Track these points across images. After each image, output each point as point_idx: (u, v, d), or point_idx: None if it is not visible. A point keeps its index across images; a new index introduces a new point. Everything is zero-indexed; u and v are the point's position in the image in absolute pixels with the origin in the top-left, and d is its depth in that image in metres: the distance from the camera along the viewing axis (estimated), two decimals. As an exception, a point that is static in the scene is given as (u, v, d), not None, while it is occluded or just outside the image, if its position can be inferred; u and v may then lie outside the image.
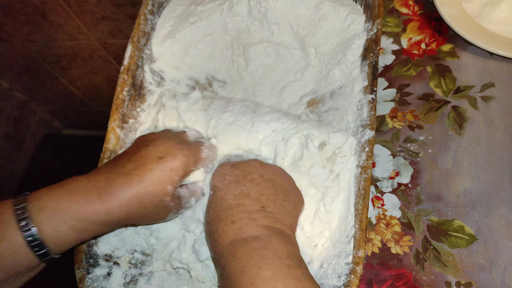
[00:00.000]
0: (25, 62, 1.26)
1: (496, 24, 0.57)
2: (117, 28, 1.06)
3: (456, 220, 0.48)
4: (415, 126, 0.54)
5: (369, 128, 0.44)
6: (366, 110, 0.45)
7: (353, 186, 0.43)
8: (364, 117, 0.45)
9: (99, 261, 0.42)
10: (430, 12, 0.62)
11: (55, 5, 1.01)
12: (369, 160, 0.43)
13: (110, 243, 0.43)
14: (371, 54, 0.48)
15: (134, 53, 0.52)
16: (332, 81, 0.52)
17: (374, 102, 0.45)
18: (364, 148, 0.44)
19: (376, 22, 0.50)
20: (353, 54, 0.50)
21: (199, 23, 0.55)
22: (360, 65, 0.49)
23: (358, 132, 0.45)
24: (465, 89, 0.55)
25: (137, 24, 0.54)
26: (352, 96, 0.48)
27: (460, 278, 0.45)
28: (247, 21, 0.55)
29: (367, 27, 0.51)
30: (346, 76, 0.50)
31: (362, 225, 0.40)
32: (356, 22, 0.51)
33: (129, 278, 0.43)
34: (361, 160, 0.43)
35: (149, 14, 0.55)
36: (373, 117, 0.45)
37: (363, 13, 0.52)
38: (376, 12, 0.50)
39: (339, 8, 0.51)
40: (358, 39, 0.50)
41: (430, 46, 0.59)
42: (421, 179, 0.51)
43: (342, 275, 0.38)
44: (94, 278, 0.41)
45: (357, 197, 0.42)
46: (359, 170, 0.43)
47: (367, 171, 0.42)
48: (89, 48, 1.16)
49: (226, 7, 0.54)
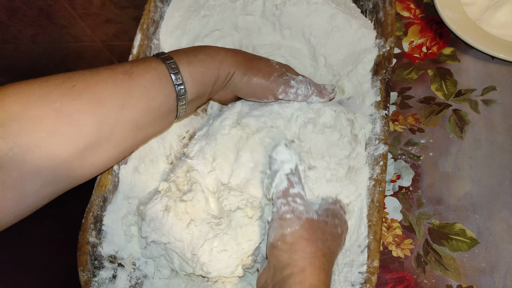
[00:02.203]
0: (30, 63, 1.27)
1: (497, 28, 0.57)
2: (121, 30, 1.07)
3: (457, 223, 0.48)
4: (416, 129, 0.54)
5: (383, 142, 0.46)
6: (380, 125, 0.47)
7: (366, 197, 0.44)
8: (377, 132, 0.47)
9: (103, 262, 0.42)
10: (431, 16, 0.62)
11: (60, 7, 1.02)
12: (383, 174, 0.44)
13: (114, 243, 0.43)
14: (383, 70, 0.49)
15: (143, 42, 0.51)
16: (341, 91, 0.52)
17: (387, 118, 0.47)
18: (378, 162, 0.45)
19: (389, 40, 0.51)
20: (364, 68, 0.51)
21: (209, 17, 0.54)
22: (371, 79, 0.50)
23: (371, 144, 0.47)
24: (466, 93, 0.55)
25: (146, 10, 0.53)
26: (362, 108, 0.49)
27: (462, 282, 0.45)
28: (259, 21, 0.54)
29: (379, 43, 0.51)
30: (356, 88, 0.51)
31: (377, 236, 0.41)
32: (367, 36, 0.52)
33: (134, 281, 0.43)
34: (374, 173, 0.45)
35: (158, 1, 0.55)
36: (386, 132, 0.46)
37: (373, 29, 0.53)
38: (389, 30, 0.51)
39: (352, 21, 0.52)
40: (370, 54, 0.51)
41: (431, 50, 0.59)
42: (422, 182, 0.51)
43: (356, 283, 0.40)
44: (100, 281, 0.41)
45: (371, 209, 0.43)
46: (373, 182, 0.44)
47: (381, 184, 0.44)
48: (94, 50, 1.17)
49: (240, 4, 0.54)
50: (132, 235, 0.44)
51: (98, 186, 0.44)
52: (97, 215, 0.43)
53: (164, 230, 0.40)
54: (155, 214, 0.41)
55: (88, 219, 0.43)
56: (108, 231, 0.43)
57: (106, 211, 0.44)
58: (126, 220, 0.44)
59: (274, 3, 0.53)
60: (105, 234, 0.43)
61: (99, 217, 0.44)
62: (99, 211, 0.44)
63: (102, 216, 0.44)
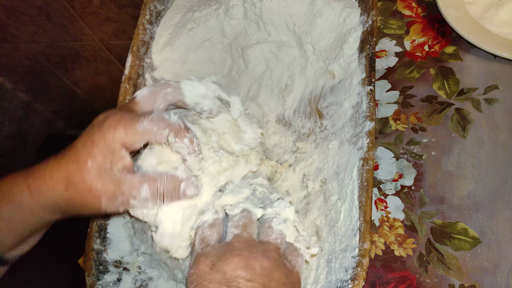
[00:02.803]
0: (29, 62, 1.27)
1: (500, 26, 0.57)
2: (121, 29, 1.07)
3: (460, 222, 0.48)
4: (419, 128, 0.54)
5: (369, 119, 0.44)
6: (365, 102, 0.45)
7: (356, 179, 0.43)
8: (363, 109, 0.45)
9: (108, 267, 0.43)
10: (433, 14, 0.62)
11: (59, 6, 1.02)
12: (371, 152, 0.43)
13: (119, 249, 0.44)
14: (367, 46, 0.48)
15: (134, 63, 0.53)
16: (331, 76, 0.52)
17: (372, 93, 0.45)
18: (365, 139, 0.44)
19: (371, 13, 0.50)
20: (350, 47, 0.50)
21: (196, 29, 0.56)
22: (357, 58, 0.49)
23: (358, 123, 0.45)
24: (469, 91, 0.55)
25: (136, 34, 0.55)
26: (351, 89, 0.48)
27: (464, 281, 0.45)
28: (244, 23, 0.55)
29: (363, 20, 0.51)
30: (345, 70, 0.50)
31: (367, 216, 0.40)
32: (352, 15, 0.51)
33: (139, 283, 0.44)
34: (362, 152, 0.43)
35: (147, 23, 0.56)
36: (372, 108, 0.44)
37: (358, 6, 0.52)
38: (370, 4, 0.50)
39: (334, 3, 0.51)
40: (355, 32, 0.50)
41: (433, 48, 0.59)
42: (425, 182, 0.51)
43: (349, 268, 0.38)
44: (104, 284, 0.42)
45: (360, 189, 0.42)
46: (361, 162, 0.43)
47: (368, 162, 0.42)
48: (93, 49, 1.17)
49: (222, 11, 0.55)
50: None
51: None
52: (100, 224, 0.45)
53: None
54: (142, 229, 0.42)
55: (93, 228, 0.44)
56: (113, 238, 0.45)
57: (110, 220, 0.46)
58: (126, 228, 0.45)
59: (253, 2, 0.53)
60: (110, 241, 0.45)
61: (103, 225, 0.45)
62: (103, 220, 0.45)
63: (106, 224, 0.46)
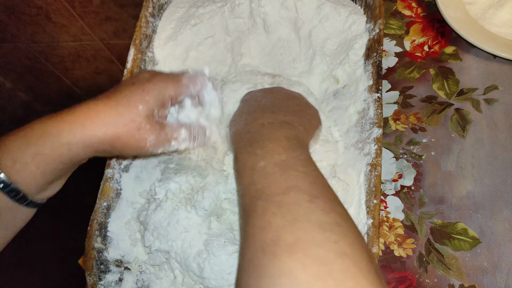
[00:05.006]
0: (28, 62, 1.27)
1: (500, 27, 0.57)
2: (121, 28, 1.07)
3: (460, 222, 0.48)
4: (418, 128, 0.54)
5: (377, 126, 0.45)
6: (373, 109, 0.46)
7: (363, 184, 0.43)
8: (371, 115, 0.46)
9: (109, 266, 0.42)
10: (433, 15, 0.62)
11: (59, 6, 1.01)
12: (379, 158, 0.43)
13: (120, 247, 0.44)
14: (374, 53, 0.49)
15: (136, 56, 0.52)
16: (335, 81, 0.52)
17: (380, 101, 0.46)
18: (372, 145, 0.44)
19: (378, 22, 0.50)
20: (356, 54, 0.50)
21: (200, 25, 0.55)
22: (363, 65, 0.50)
23: (365, 129, 0.46)
24: (468, 92, 0.55)
25: (138, 26, 0.54)
26: (356, 95, 0.49)
27: (464, 281, 0.45)
28: (249, 23, 0.55)
29: (369, 28, 0.51)
30: (350, 75, 0.51)
31: (375, 222, 0.40)
32: (357, 22, 0.52)
33: (141, 283, 0.43)
34: (370, 157, 0.44)
35: (150, 16, 0.56)
36: (380, 115, 0.45)
37: (363, 14, 0.52)
38: (377, 12, 0.51)
39: (340, 9, 0.52)
40: (360, 39, 0.51)
41: (433, 49, 0.59)
42: (424, 182, 0.51)
43: None
44: (106, 284, 0.41)
45: (368, 195, 0.42)
46: (369, 168, 0.44)
47: (377, 168, 0.43)
48: (93, 49, 1.17)
49: (227, 9, 0.55)
50: (137, 239, 0.44)
51: (101, 194, 0.45)
52: (101, 222, 0.44)
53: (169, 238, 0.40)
54: (159, 223, 0.41)
55: (93, 226, 0.43)
56: (114, 237, 0.44)
57: (110, 218, 0.45)
58: (129, 226, 0.45)
59: (259, 3, 0.53)
60: (111, 240, 0.44)
61: (104, 224, 0.44)
62: (103, 218, 0.44)
63: (107, 223, 0.44)
